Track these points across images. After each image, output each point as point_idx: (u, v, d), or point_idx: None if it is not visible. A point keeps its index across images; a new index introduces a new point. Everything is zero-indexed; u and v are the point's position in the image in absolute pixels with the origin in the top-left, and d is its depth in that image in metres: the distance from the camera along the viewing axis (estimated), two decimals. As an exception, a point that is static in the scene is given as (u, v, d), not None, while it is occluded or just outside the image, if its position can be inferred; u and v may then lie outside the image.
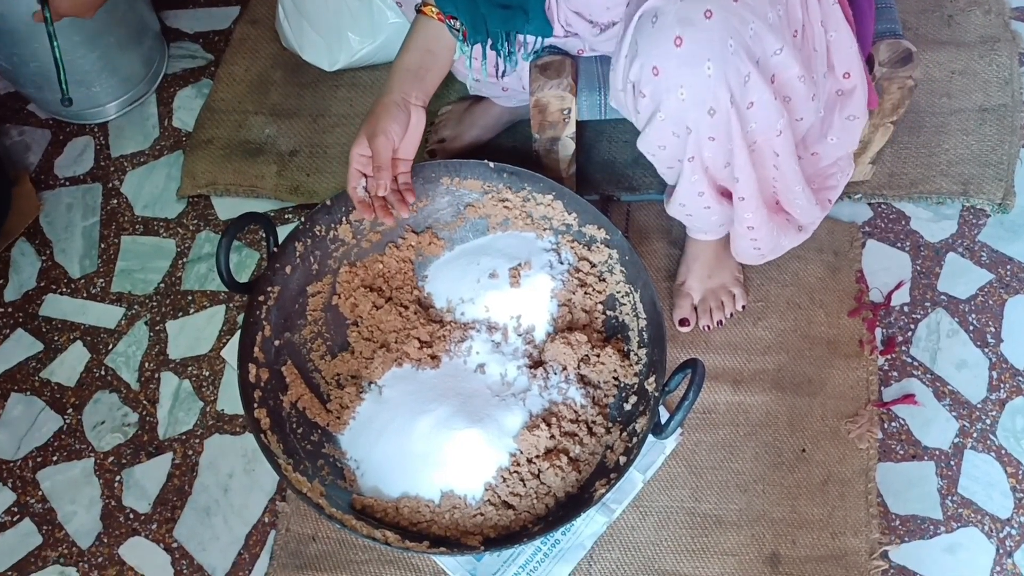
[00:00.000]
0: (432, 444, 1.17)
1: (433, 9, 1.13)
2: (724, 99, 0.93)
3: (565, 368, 1.23)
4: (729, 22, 0.90)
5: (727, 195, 1.12)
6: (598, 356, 1.22)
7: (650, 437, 1.10)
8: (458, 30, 1.13)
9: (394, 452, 1.19)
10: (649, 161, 1.10)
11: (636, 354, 1.23)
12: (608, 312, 1.28)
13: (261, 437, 1.12)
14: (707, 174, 1.06)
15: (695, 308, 1.35)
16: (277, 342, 1.22)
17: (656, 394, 1.13)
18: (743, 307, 1.34)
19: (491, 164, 1.28)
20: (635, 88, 0.98)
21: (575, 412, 1.21)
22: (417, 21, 1.15)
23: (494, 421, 1.19)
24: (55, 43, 1.31)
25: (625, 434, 1.16)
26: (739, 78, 0.92)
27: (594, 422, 1.20)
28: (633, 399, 1.19)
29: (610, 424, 1.20)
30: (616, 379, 1.23)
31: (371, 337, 1.29)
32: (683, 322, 1.34)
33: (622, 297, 1.26)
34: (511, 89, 1.32)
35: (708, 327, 1.34)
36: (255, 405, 1.15)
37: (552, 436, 1.17)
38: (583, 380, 1.23)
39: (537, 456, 1.17)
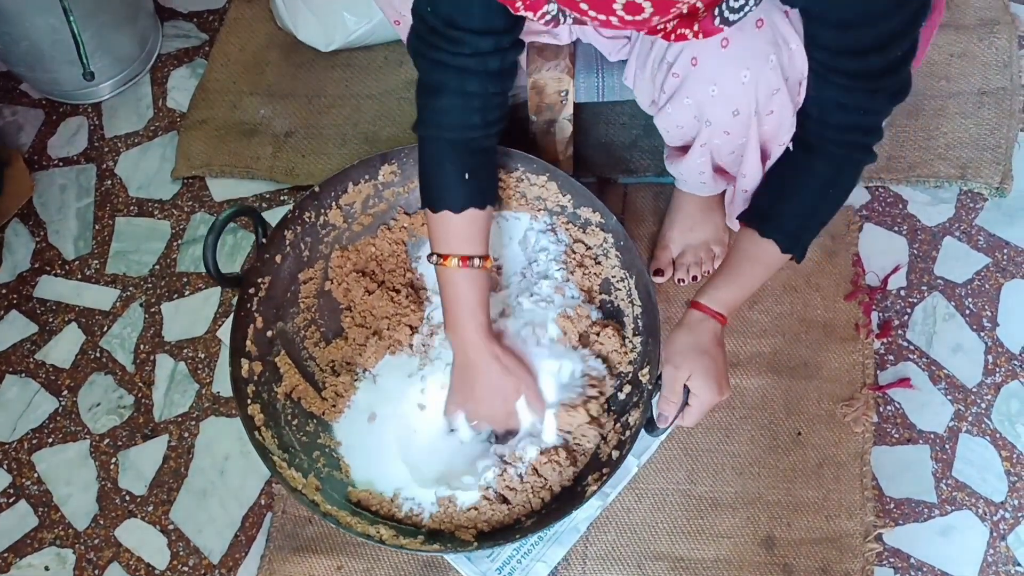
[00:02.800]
0: (426, 435, 1.17)
1: (455, 260, 1.09)
2: (749, 106, 0.96)
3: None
4: (777, 37, 0.92)
5: (724, 172, 1.14)
6: (597, 335, 1.22)
7: (644, 422, 1.10)
8: None
9: (388, 442, 1.19)
10: (646, 146, 1.10)
11: (631, 341, 1.22)
12: (603, 296, 1.27)
13: (255, 435, 1.12)
14: (712, 158, 1.09)
15: (673, 262, 1.35)
16: (269, 332, 1.21)
17: (649, 386, 1.13)
18: None
19: None
20: (669, 67, 0.99)
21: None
22: (454, 275, 1.10)
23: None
24: (71, 17, 1.30)
25: (619, 425, 1.16)
26: (768, 91, 0.95)
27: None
28: (627, 388, 1.19)
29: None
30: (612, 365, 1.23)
31: (364, 323, 1.28)
32: (657, 272, 1.34)
33: (617, 282, 1.26)
34: None
35: (681, 281, 1.34)
36: (248, 401, 1.14)
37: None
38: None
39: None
